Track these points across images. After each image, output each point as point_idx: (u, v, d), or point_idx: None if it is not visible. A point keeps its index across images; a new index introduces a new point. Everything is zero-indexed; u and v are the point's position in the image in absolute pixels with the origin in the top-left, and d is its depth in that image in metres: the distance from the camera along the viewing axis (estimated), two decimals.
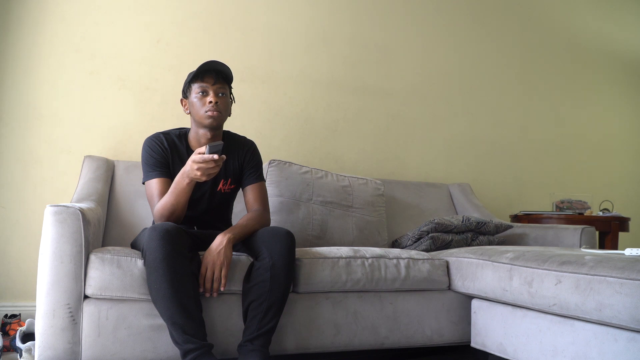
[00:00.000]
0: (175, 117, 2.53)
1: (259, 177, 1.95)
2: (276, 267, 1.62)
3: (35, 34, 2.39)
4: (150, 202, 1.81)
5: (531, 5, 3.60)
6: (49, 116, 2.39)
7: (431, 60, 3.25)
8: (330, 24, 2.97)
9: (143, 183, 1.85)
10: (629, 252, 1.69)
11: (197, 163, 1.58)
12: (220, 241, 1.66)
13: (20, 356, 1.84)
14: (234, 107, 2.72)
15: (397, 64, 3.14)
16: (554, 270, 1.60)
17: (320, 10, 2.96)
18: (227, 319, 1.70)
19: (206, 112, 1.81)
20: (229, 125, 2.06)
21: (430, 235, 2.32)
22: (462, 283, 1.99)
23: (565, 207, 3.17)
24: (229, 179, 1.92)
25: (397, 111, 3.11)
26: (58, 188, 2.37)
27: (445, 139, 3.25)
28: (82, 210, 1.59)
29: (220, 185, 1.90)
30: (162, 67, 2.57)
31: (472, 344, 2.00)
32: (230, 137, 1.98)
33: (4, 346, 1.99)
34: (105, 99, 2.48)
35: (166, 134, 1.90)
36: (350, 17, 3.03)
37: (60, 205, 1.56)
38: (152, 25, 2.59)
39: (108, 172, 2.24)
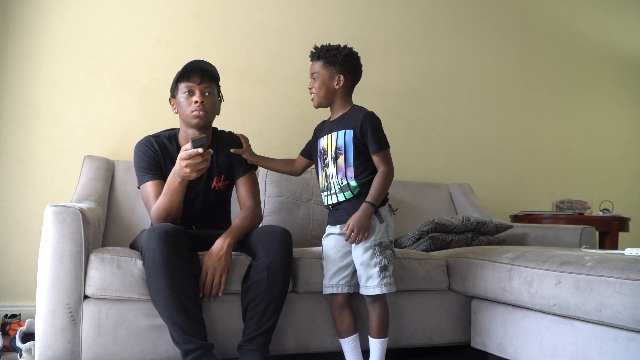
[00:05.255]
0: (175, 117, 2.49)
1: (248, 167, 1.94)
2: (273, 266, 1.62)
3: (35, 34, 2.39)
4: (147, 205, 1.81)
5: (531, 4, 3.59)
6: (49, 116, 2.39)
7: (431, 60, 3.25)
8: (329, 24, 2.97)
9: (138, 187, 1.85)
10: (629, 252, 1.69)
11: (184, 160, 1.57)
12: (220, 246, 1.66)
13: (20, 356, 1.84)
14: (234, 107, 2.70)
15: (397, 64, 3.14)
16: (554, 271, 1.60)
17: (320, 10, 2.96)
18: (227, 319, 1.70)
19: (192, 111, 1.82)
20: (229, 126, 2.06)
21: (430, 235, 2.32)
22: (462, 283, 1.99)
23: (565, 207, 3.17)
24: (222, 176, 1.91)
25: (397, 111, 3.11)
26: (58, 188, 2.36)
27: (445, 139, 3.24)
28: (82, 210, 1.59)
29: (214, 183, 1.90)
30: (162, 67, 2.57)
31: (472, 344, 2.00)
32: (218, 134, 1.98)
33: (4, 346, 1.99)
34: (105, 99, 2.48)
35: (156, 136, 1.91)
36: (350, 17, 3.03)
37: (60, 205, 1.56)
38: (152, 25, 2.58)
39: (108, 172, 2.24)
